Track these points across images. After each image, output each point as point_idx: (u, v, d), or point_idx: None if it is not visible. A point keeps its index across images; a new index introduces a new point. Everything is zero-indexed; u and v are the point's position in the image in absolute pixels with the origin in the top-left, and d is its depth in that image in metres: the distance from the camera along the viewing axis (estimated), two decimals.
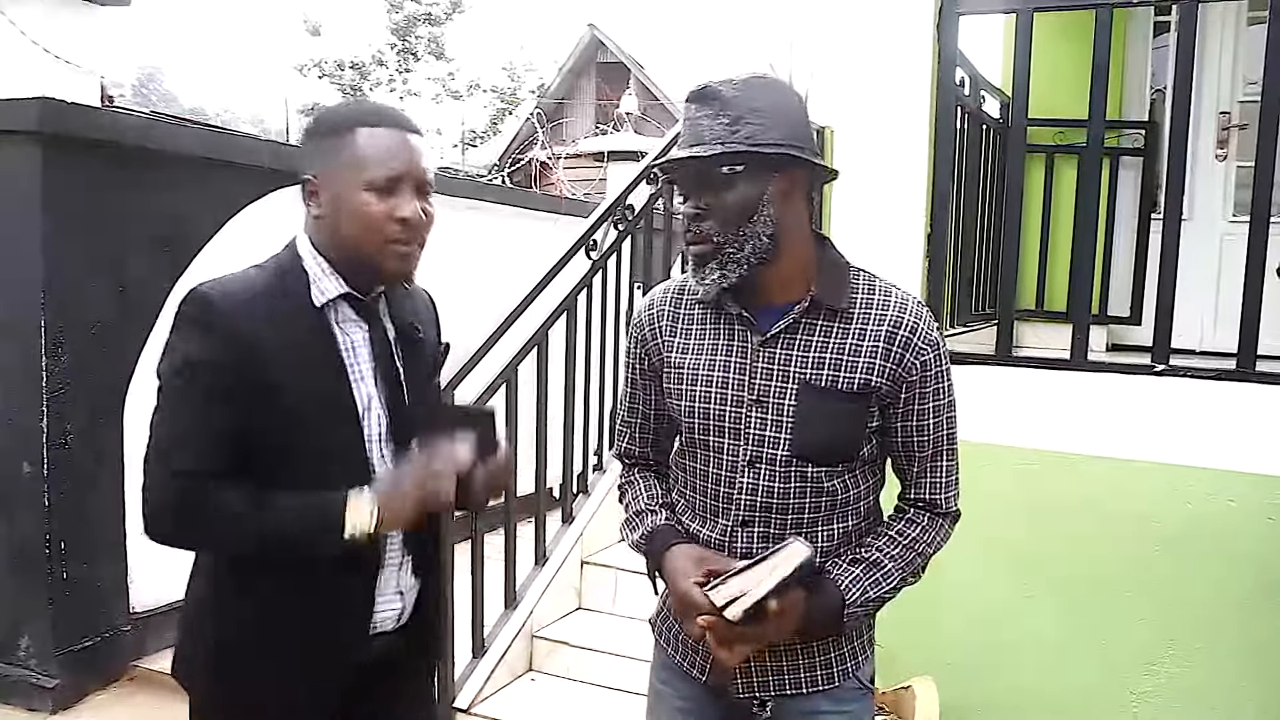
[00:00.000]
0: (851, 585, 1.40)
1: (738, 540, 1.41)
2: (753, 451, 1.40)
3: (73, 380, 3.20)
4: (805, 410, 1.37)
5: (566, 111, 16.51)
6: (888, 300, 1.40)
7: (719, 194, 1.34)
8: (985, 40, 4.10)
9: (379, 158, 1.38)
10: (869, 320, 1.38)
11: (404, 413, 1.47)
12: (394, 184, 1.39)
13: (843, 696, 1.47)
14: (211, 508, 1.35)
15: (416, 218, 1.41)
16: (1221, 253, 4.07)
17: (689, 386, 1.44)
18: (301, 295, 1.41)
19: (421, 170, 1.42)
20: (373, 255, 1.40)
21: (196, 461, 1.34)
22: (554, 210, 5.87)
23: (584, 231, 3.48)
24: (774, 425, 1.38)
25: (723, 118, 1.33)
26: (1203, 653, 2.44)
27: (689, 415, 1.44)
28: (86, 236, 3.23)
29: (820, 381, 1.37)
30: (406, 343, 1.51)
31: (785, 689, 1.45)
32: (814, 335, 1.39)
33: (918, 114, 2.72)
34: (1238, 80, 4.18)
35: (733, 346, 1.42)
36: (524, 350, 3.17)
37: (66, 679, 3.22)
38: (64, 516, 3.21)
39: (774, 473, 1.39)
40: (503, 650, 3.10)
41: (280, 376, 1.36)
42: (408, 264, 1.44)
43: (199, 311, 1.36)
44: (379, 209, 1.38)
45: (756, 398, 1.39)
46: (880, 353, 1.37)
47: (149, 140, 3.42)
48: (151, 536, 1.38)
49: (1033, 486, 2.60)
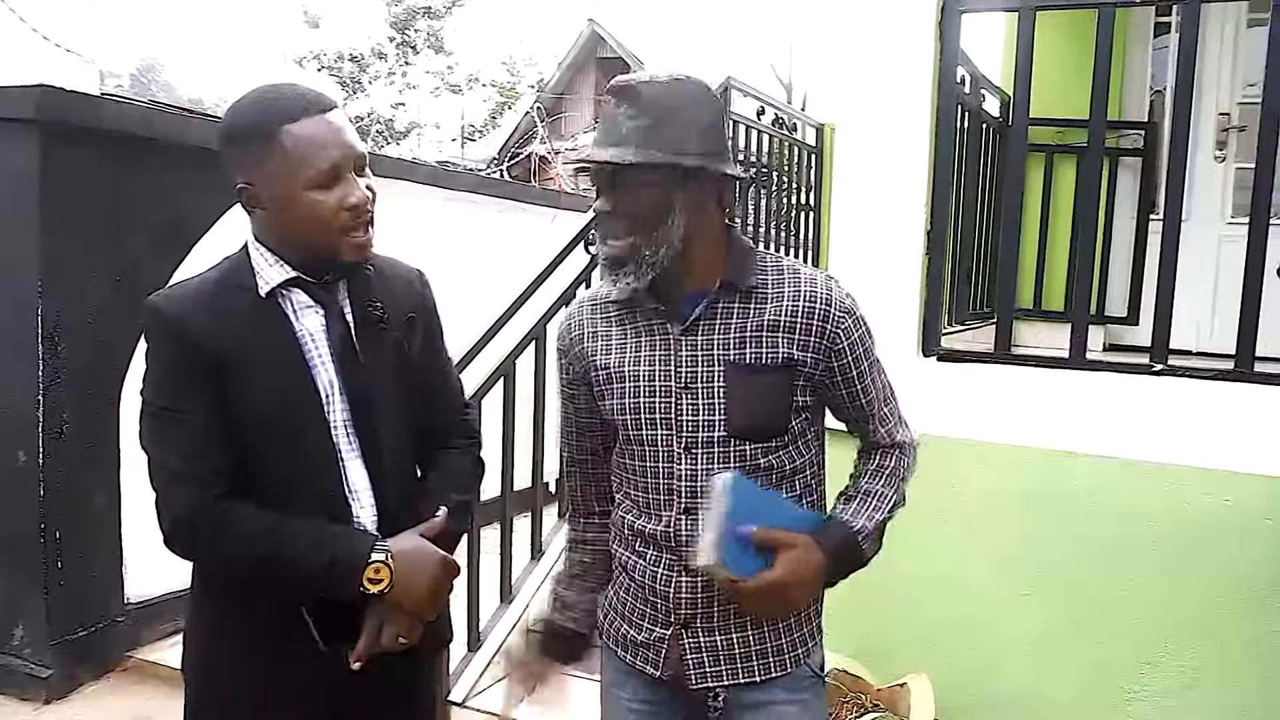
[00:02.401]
0: (854, 517, 1.46)
1: (683, 529, 1.43)
2: (688, 438, 1.42)
3: (69, 370, 3.19)
4: (733, 389, 1.41)
5: (566, 107, 16.49)
6: (797, 277, 1.44)
7: (632, 197, 1.36)
8: (985, 39, 4.11)
9: (313, 153, 1.35)
10: (782, 297, 1.42)
11: (367, 398, 1.45)
12: (335, 174, 1.37)
13: (796, 685, 1.49)
14: (230, 519, 1.36)
15: (364, 199, 1.40)
16: (1220, 254, 4.07)
17: (617, 385, 1.46)
18: (251, 288, 1.41)
19: (355, 150, 1.40)
20: (329, 248, 1.40)
21: (191, 464, 1.36)
22: (553, 204, 5.86)
23: (583, 225, 3.48)
24: (706, 409, 1.41)
25: (642, 119, 1.33)
26: (1199, 653, 2.44)
27: (621, 412, 1.46)
28: (84, 225, 3.21)
29: (744, 359, 1.41)
30: (368, 325, 1.48)
31: (739, 678, 1.46)
32: (731, 317, 1.42)
33: (919, 111, 2.72)
34: (1237, 81, 4.19)
35: (654, 340, 1.45)
36: (522, 343, 3.17)
37: (61, 669, 3.21)
38: (59, 507, 3.20)
39: (711, 455, 1.42)
40: (498, 644, 3.10)
41: (238, 369, 1.37)
42: (364, 248, 1.43)
43: (152, 321, 1.40)
44: (327, 203, 1.37)
45: (685, 384, 1.42)
46: (800, 327, 1.41)
47: (148, 129, 3.40)
48: (174, 550, 1.39)
49: (1029, 485, 2.60)
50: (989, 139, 3.80)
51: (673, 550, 1.45)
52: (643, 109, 1.34)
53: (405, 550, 1.41)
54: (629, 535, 1.51)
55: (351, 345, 1.46)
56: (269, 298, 1.42)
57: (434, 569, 1.44)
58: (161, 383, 1.39)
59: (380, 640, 1.42)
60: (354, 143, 1.40)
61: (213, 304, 1.40)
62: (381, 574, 1.38)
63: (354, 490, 1.45)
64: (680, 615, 1.46)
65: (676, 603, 1.45)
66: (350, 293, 1.48)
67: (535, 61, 18.23)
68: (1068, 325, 2.66)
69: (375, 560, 1.37)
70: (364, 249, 1.43)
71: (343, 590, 1.38)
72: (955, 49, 2.73)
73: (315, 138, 1.36)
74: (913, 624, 2.70)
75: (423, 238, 3.09)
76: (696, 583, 1.44)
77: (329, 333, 1.44)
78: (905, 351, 2.71)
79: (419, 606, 1.43)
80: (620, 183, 1.36)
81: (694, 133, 1.35)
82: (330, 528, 1.40)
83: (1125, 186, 4.34)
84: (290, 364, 1.41)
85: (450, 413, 1.65)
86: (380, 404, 1.47)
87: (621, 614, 1.54)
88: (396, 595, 1.40)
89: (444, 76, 17.23)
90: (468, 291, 2.98)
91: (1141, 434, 2.48)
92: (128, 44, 18.76)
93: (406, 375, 1.52)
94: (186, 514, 1.37)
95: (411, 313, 1.55)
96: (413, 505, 1.50)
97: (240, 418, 1.38)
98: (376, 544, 1.40)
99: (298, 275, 1.43)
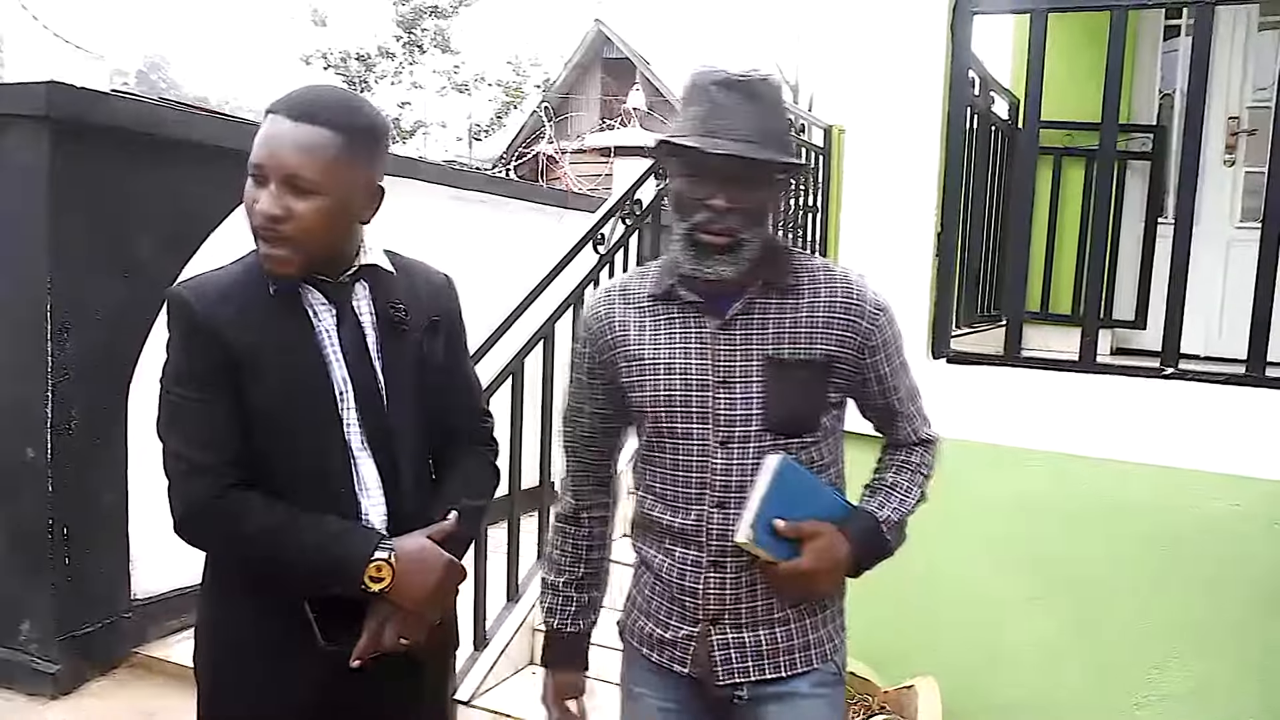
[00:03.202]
0: (879, 508, 1.49)
1: (714, 523, 1.44)
2: (724, 432, 1.43)
3: (77, 366, 3.20)
4: (771, 384, 1.42)
5: (572, 107, 16.48)
6: (831, 274, 1.47)
7: (753, 192, 1.37)
8: (993, 41, 4.10)
9: (255, 144, 1.37)
10: (818, 294, 1.44)
11: (378, 397, 1.45)
12: (258, 174, 1.37)
13: (821, 680, 1.50)
14: (241, 509, 1.37)
15: (267, 210, 1.35)
16: (1228, 258, 4.06)
17: (651, 377, 1.46)
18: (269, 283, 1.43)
19: (286, 163, 1.34)
20: (258, 244, 1.40)
21: (207, 454, 1.36)
22: (561, 204, 5.86)
23: (592, 225, 3.48)
24: (743, 403, 1.42)
25: (759, 116, 1.35)
26: (1206, 658, 2.44)
27: (655, 405, 1.46)
28: (93, 222, 3.22)
29: (782, 355, 1.42)
30: (388, 326, 1.48)
31: (765, 673, 1.47)
32: (769, 313, 1.44)
33: (930, 113, 2.71)
34: (1246, 86, 4.19)
35: (690, 334, 1.45)
36: (530, 343, 3.17)
37: (67, 664, 3.22)
38: (67, 502, 3.21)
39: (747, 449, 1.43)
40: (504, 643, 3.11)
41: (257, 363, 1.38)
42: (271, 261, 1.37)
43: (175, 311, 1.40)
44: (249, 197, 1.38)
45: (722, 379, 1.43)
46: (836, 323, 1.43)
47: (157, 127, 3.41)
48: (184, 538, 1.40)
49: (1037, 488, 2.60)
50: (997, 141, 3.79)
51: (701, 546, 1.45)
52: (758, 105, 1.35)
53: (409, 550, 1.41)
54: (655, 531, 1.51)
55: (363, 345, 1.46)
56: (290, 295, 1.42)
57: (438, 571, 1.44)
58: (181, 372, 1.39)
59: (381, 640, 1.41)
60: (287, 156, 1.34)
61: (235, 297, 1.41)
62: (383, 572, 1.38)
63: (365, 488, 1.45)
64: (709, 612, 1.46)
65: (705, 599, 1.45)
66: (373, 294, 1.49)
67: (541, 61, 18.23)
68: (1074, 329, 2.66)
69: (378, 558, 1.38)
70: (270, 260, 1.38)
71: (344, 586, 1.38)
72: (967, 50, 2.73)
73: (260, 135, 1.38)
74: (920, 626, 2.70)
75: (430, 236, 3.09)
76: (724, 579, 1.44)
77: (341, 332, 1.45)
78: (915, 354, 2.66)
79: (420, 607, 1.43)
80: (744, 177, 1.35)
81: (789, 132, 1.40)
82: (337, 524, 1.40)
83: (1133, 190, 4.33)
84: (306, 360, 1.42)
85: (468, 417, 1.64)
86: (394, 404, 1.47)
87: (647, 612, 1.53)
88: (398, 594, 1.40)
89: (450, 76, 17.24)
90: (476, 290, 2.97)
91: (1151, 438, 2.47)
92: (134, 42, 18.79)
93: (425, 377, 1.51)
94: (199, 503, 1.37)
95: (435, 316, 1.55)
96: (425, 507, 1.50)
97: (255, 411, 1.39)
98: (381, 542, 1.40)
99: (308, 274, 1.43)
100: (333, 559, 1.37)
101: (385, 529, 1.45)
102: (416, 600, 1.42)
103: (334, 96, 1.44)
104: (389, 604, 1.41)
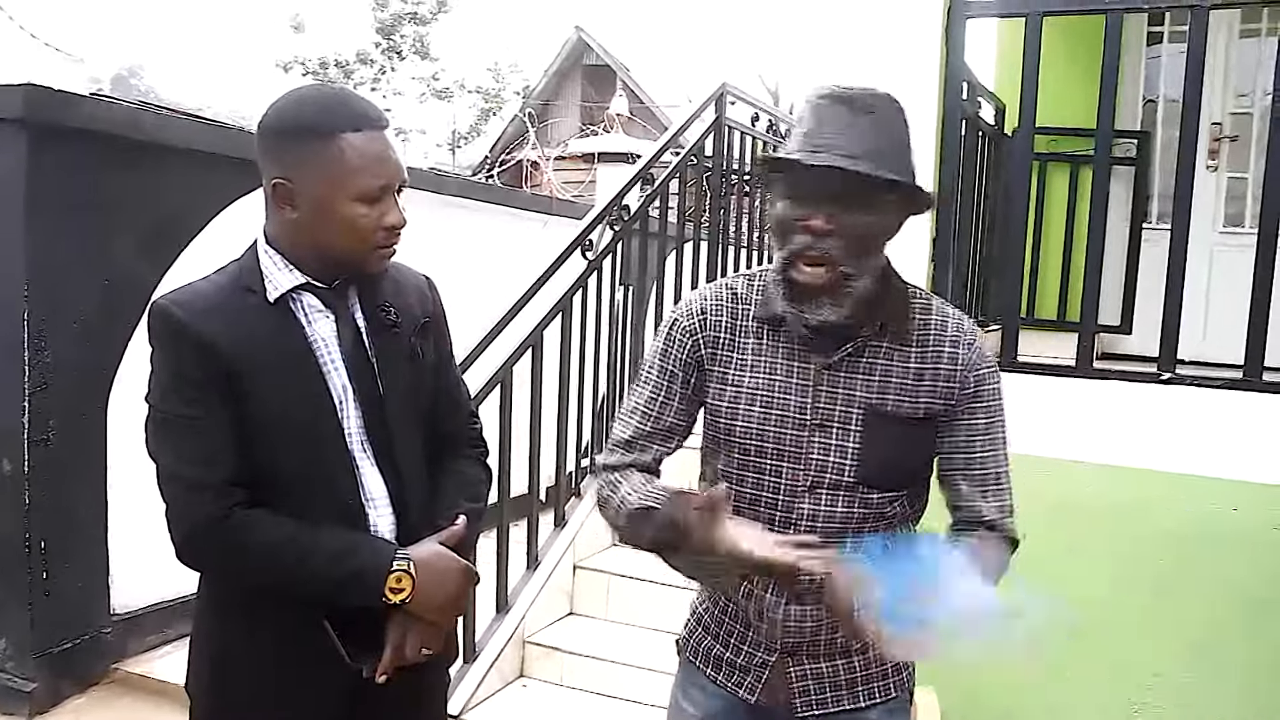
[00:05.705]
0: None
1: None
2: (814, 477, 1.35)
3: (55, 376, 3.12)
4: (870, 435, 1.34)
5: (552, 113, 16.45)
6: (945, 322, 1.37)
7: (854, 215, 1.25)
8: (978, 45, 4.10)
9: (368, 167, 1.34)
10: (928, 343, 1.36)
11: (381, 404, 1.43)
12: (383, 192, 1.36)
13: (894, 709, 1.46)
14: (249, 529, 1.33)
15: (400, 222, 1.39)
16: (1212, 263, 4.09)
17: (746, 406, 1.38)
18: (259, 292, 1.38)
19: (402, 174, 1.40)
20: (357, 260, 1.39)
21: (205, 471, 1.32)
22: (545, 211, 5.82)
23: (580, 231, 3.45)
24: (837, 451, 1.34)
25: (875, 133, 1.25)
26: (1205, 664, 2.43)
27: (746, 436, 1.38)
28: (71, 228, 3.14)
29: (885, 407, 1.34)
30: (379, 329, 1.45)
31: (844, 704, 1.42)
32: (877, 358, 1.35)
33: (924, 119, 2.70)
34: (1229, 92, 4.24)
35: (793, 368, 1.37)
36: (519, 351, 3.13)
37: (44, 682, 3.13)
38: (44, 516, 3.13)
39: (835, 498, 1.35)
40: (494, 656, 3.06)
41: (251, 375, 1.34)
42: (387, 264, 1.45)
43: (160, 325, 1.35)
44: (369, 217, 1.35)
45: (820, 423, 1.35)
46: (944, 375, 1.35)
47: (137, 130, 3.34)
48: (186, 562, 1.35)
49: (1034, 493, 2.56)
50: (984, 147, 3.80)
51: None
52: (868, 120, 1.25)
53: (426, 559, 1.39)
54: None
55: (364, 350, 1.43)
56: (279, 303, 1.39)
57: (455, 577, 1.42)
58: (170, 388, 1.35)
59: (405, 651, 1.39)
60: (401, 163, 1.40)
61: (223, 307, 1.36)
62: (404, 583, 1.35)
63: (370, 498, 1.42)
64: (787, 643, 1.40)
65: (785, 631, 1.39)
66: (361, 297, 1.45)
67: (521, 68, 18.24)
68: (1059, 333, 2.67)
69: (397, 569, 1.35)
70: (386, 263, 1.44)
71: (364, 600, 1.35)
72: (961, 54, 2.73)
73: (373, 153, 1.34)
74: None
75: (413, 241, 3.04)
76: (805, 611, 1.37)
77: (341, 338, 1.41)
78: None
79: (440, 615, 1.41)
80: (847, 196, 1.23)
81: (908, 153, 1.28)
82: (351, 536, 1.37)
83: (1118, 195, 4.34)
84: (303, 370, 1.38)
85: (460, 418, 1.62)
86: (395, 410, 1.44)
87: (715, 633, 1.48)
88: (418, 604, 1.37)
89: (430, 82, 17.20)
90: (459, 296, 2.93)
91: (1148, 443, 2.47)
92: (110, 47, 18.60)
93: (420, 380, 1.49)
94: (202, 523, 1.32)
95: (424, 318, 1.52)
96: (429, 512, 1.47)
97: (253, 425, 1.34)
98: (398, 553, 1.37)
99: (308, 280, 1.39)
100: (350, 574, 1.34)
101: (394, 538, 1.42)
102: (436, 609, 1.40)
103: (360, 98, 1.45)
104: (408, 615, 1.38)
